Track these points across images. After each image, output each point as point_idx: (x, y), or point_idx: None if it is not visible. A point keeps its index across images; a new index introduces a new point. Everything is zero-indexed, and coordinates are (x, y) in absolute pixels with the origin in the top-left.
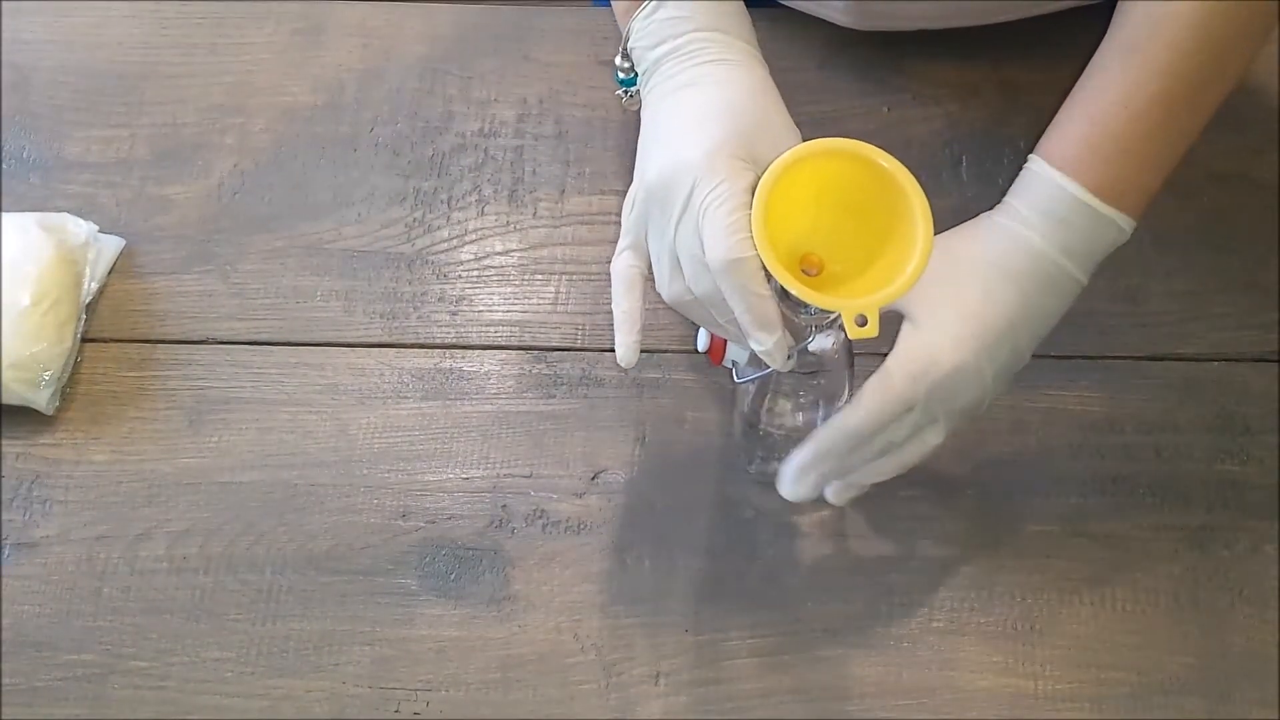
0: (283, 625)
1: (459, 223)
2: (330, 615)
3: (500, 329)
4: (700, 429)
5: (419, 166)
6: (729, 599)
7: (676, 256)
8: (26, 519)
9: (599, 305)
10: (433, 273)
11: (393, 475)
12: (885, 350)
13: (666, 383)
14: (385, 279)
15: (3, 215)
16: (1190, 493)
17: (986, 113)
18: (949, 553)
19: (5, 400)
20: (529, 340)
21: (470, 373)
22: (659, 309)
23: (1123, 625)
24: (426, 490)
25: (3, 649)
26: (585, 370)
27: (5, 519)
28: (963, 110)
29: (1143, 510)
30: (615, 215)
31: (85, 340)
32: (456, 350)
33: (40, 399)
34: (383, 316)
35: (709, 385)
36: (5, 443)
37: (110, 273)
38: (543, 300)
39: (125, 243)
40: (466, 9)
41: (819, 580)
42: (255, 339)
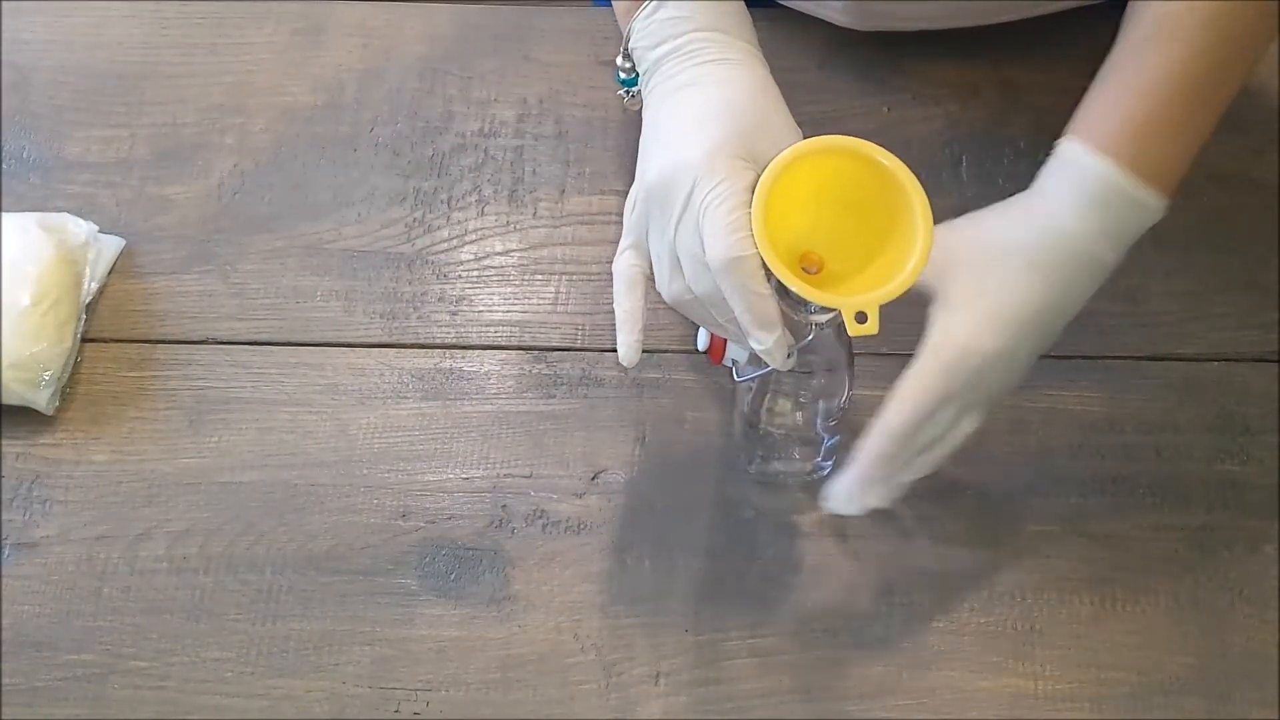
0: (283, 625)
1: (459, 223)
2: (330, 615)
3: (500, 329)
4: (700, 429)
5: (419, 166)
6: (729, 599)
7: (677, 256)
8: (26, 519)
9: (599, 305)
10: (433, 273)
11: (393, 475)
12: (885, 349)
13: (666, 383)
14: (385, 279)
15: (3, 215)
16: (1190, 493)
17: (986, 113)
18: (949, 553)
19: (5, 400)
20: (529, 340)
21: (470, 373)
22: (660, 309)
23: (1123, 625)
24: (426, 490)
25: (3, 649)
26: (585, 370)
27: (5, 519)
28: (963, 110)
29: (1143, 510)
30: (615, 215)
31: (85, 340)
32: (456, 350)
33: (40, 399)
34: (383, 316)
35: (709, 385)
36: (5, 443)
37: (110, 273)
38: (543, 300)
39: (125, 243)
40: (466, 9)
41: (819, 580)
42: (255, 339)
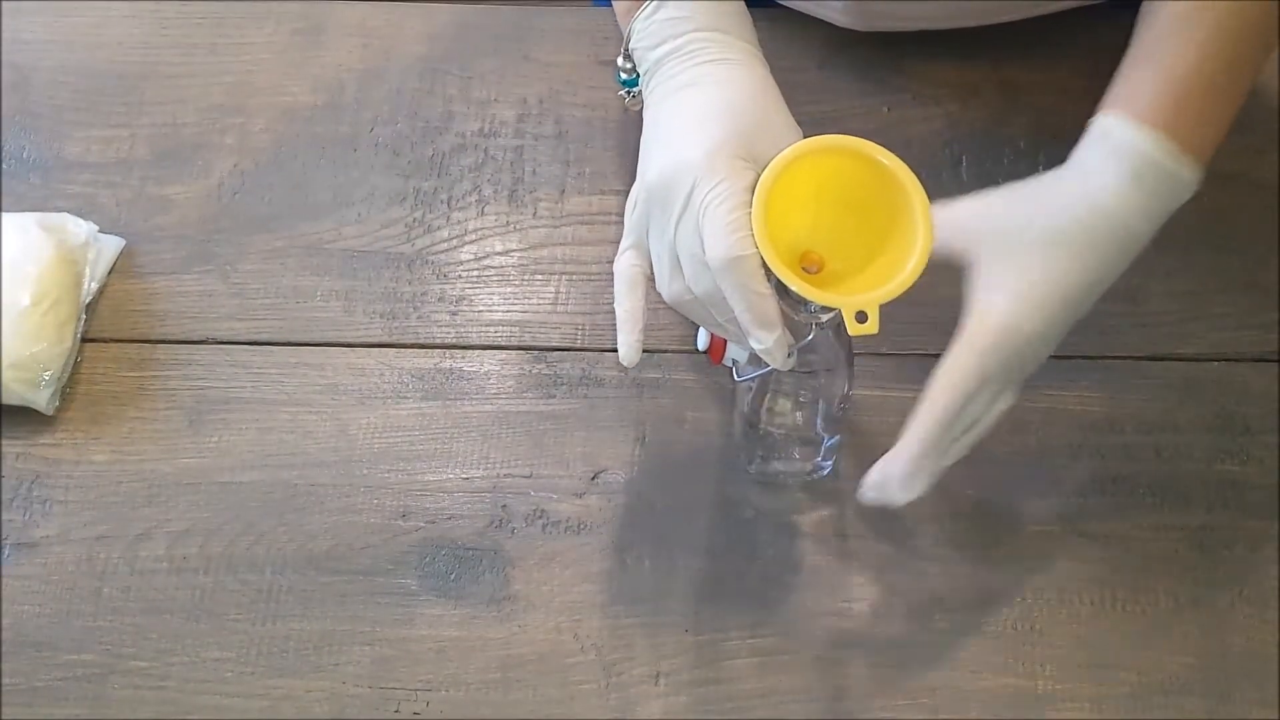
0: (283, 625)
1: (459, 223)
2: (330, 615)
3: (500, 329)
4: (700, 429)
5: (419, 166)
6: (729, 599)
7: (677, 256)
8: (26, 519)
9: (599, 305)
10: (433, 273)
11: (393, 475)
12: (885, 349)
13: (666, 383)
14: (385, 279)
15: (3, 215)
16: (1190, 493)
17: (986, 113)
18: (949, 553)
19: (5, 400)
20: (529, 340)
21: (470, 373)
22: (660, 309)
23: (1123, 625)
24: (426, 490)
25: (3, 649)
26: (585, 370)
27: (5, 519)
28: (963, 110)
29: (1143, 510)
30: (615, 215)
31: (85, 340)
32: (456, 350)
33: (40, 399)
34: (383, 316)
35: (709, 385)
36: (5, 443)
37: (110, 273)
38: (543, 300)
39: (125, 243)
40: (466, 9)
41: (819, 580)
42: (255, 339)
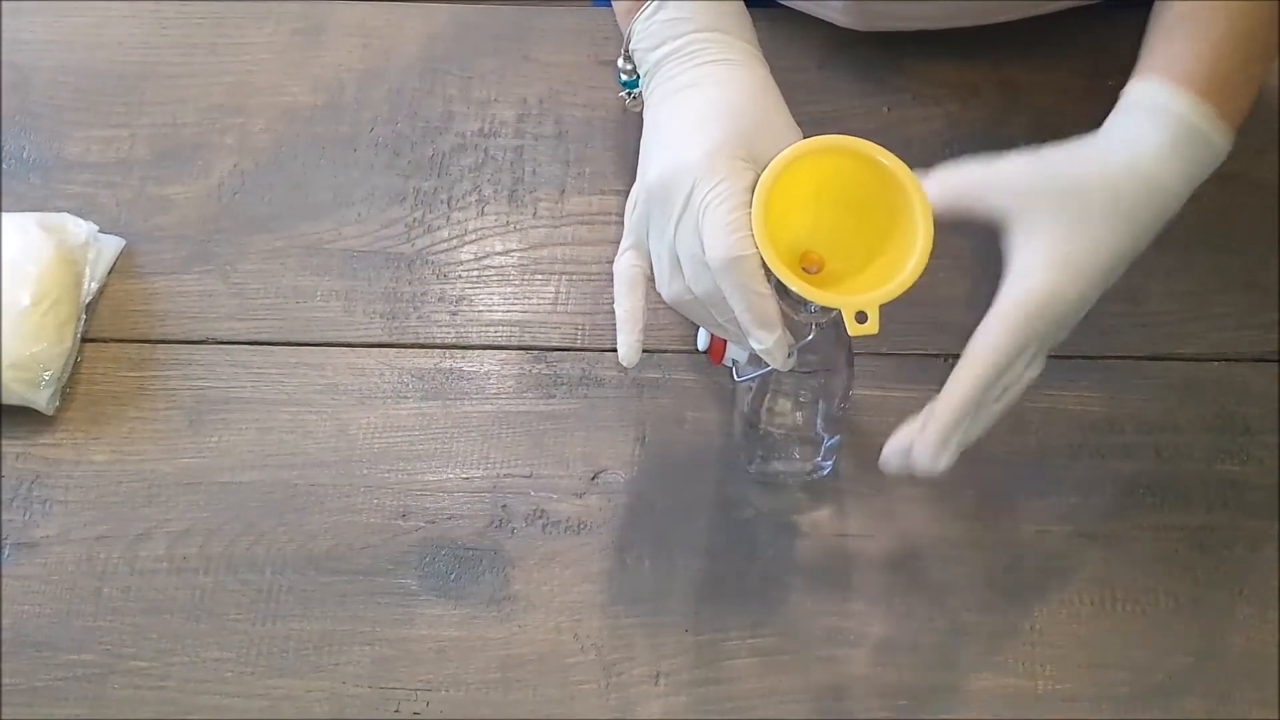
0: (283, 625)
1: (459, 223)
2: (330, 615)
3: (500, 329)
4: (700, 429)
5: (419, 166)
6: (729, 599)
7: (677, 256)
8: (26, 519)
9: (599, 305)
10: (433, 273)
11: (393, 475)
12: (885, 349)
13: (666, 383)
14: (385, 279)
15: (3, 215)
16: (1190, 493)
17: (986, 113)
18: (949, 553)
19: (5, 400)
20: (529, 340)
21: (470, 373)
22: (660, 309)
23: (1123, 625)
24: (426, 490)
25: (3, 649)
26: (585, 370)
27: (5, 519)
28: (963, 110)
29: (1143, 510)
30: (615, 215)
31: (85, 340)
32: (456, 350)
33: (40, 399)
34: (383, 316)
35: (709, 385)
36: (5, 443)
37: (110, 273)
38: (543, 300)
39: (125, 243)
40: (466, 9)
41: (819, 580)
42: (255, 339)
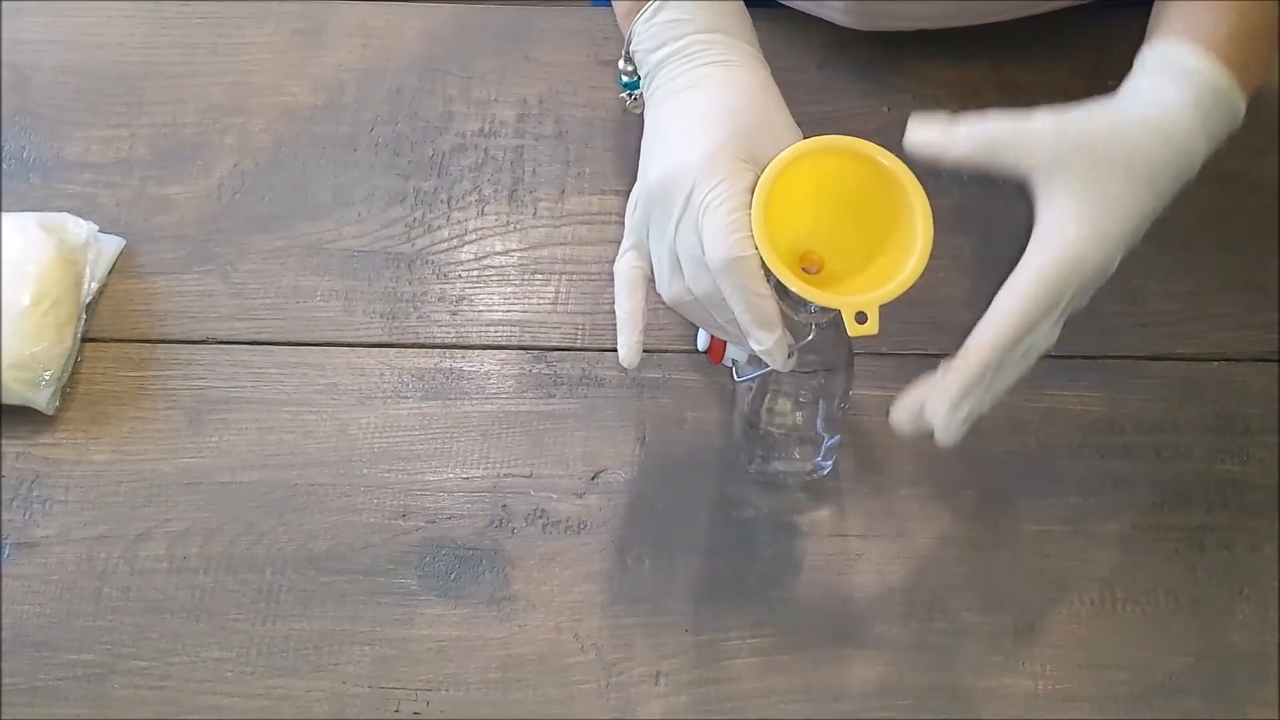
0: (283, 625)
1: (459, 223)
2: (330, 615)
3: (500, 329)
4: (700, 429)
5: (419, 166)
6: (729, 599)
7: (677, 257)
8: (26, 519)
9: (599, 305)
10: (433, 273)
11: (393, 475)
12: (885, 349)
13: (666, 382)
14: (385, 279)
15: (3, 215)
16: (1190, 493)
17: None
18: (949, 553)
19: (5, 400)
20: (529, 340)
21: (470, 373)
22: (660, 309)
23: (1123, 625)
24: (426, 490)
25: (3, 649)
26: (585, 370)
27: (5, 519)
28: (963, 110)
29: (1143, 510)
30: (615, 215)
31: (85, 340)
32: (456, 350)
33: (40, 399)
34: (383, 316)
35: (709, 385)
36: (5, 443)
37: (110, 273)
38: (543, 300)
39: (125, 243)
40: (466, 9)
41: (819, 580)
42: (255, 339)
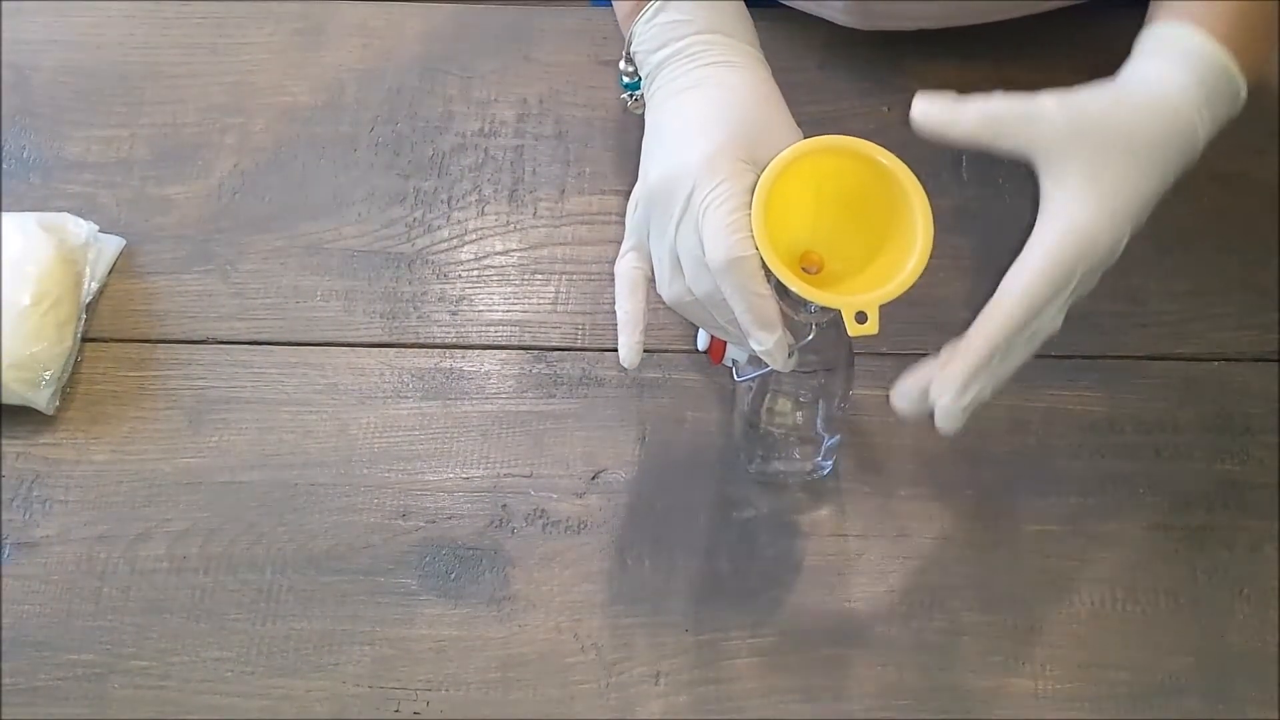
0: (283, 625)
1: (459, 223)
2: (330, 615)
3: (500, 329)
4: (700, 429)
5: (419, 166)
6: (729, 599)
7: (677, 257)
8: (26, 519)
9: (599, 305)
10: (433, 273)
11: (393, 475)
12: (885, 349)
13: (666, 382)
14: (385, 279)
15: (3, 215)
16: (1190, 493)
17: None
18: (949, 553)
19: (5, 400)
20: (529, 340)
21: (470, 373)
22: (660, 309)
23: (1123, 625)
24: (426, 490)
25: (3, 649)
26: (585, 370)
27: (5, 519)
28: None
29: (1143, 510)
30: (615, 215)
31: (85, 340)
32: (456, 350)
33: (40, 399)
34: (383, 316)
35: (709, 385)
36: (5, 443)
37: (110, 273)
38: (543, 300)
39: (125, 243)
40: (466, 9)
41: (819, 580)
42: (255, 339)
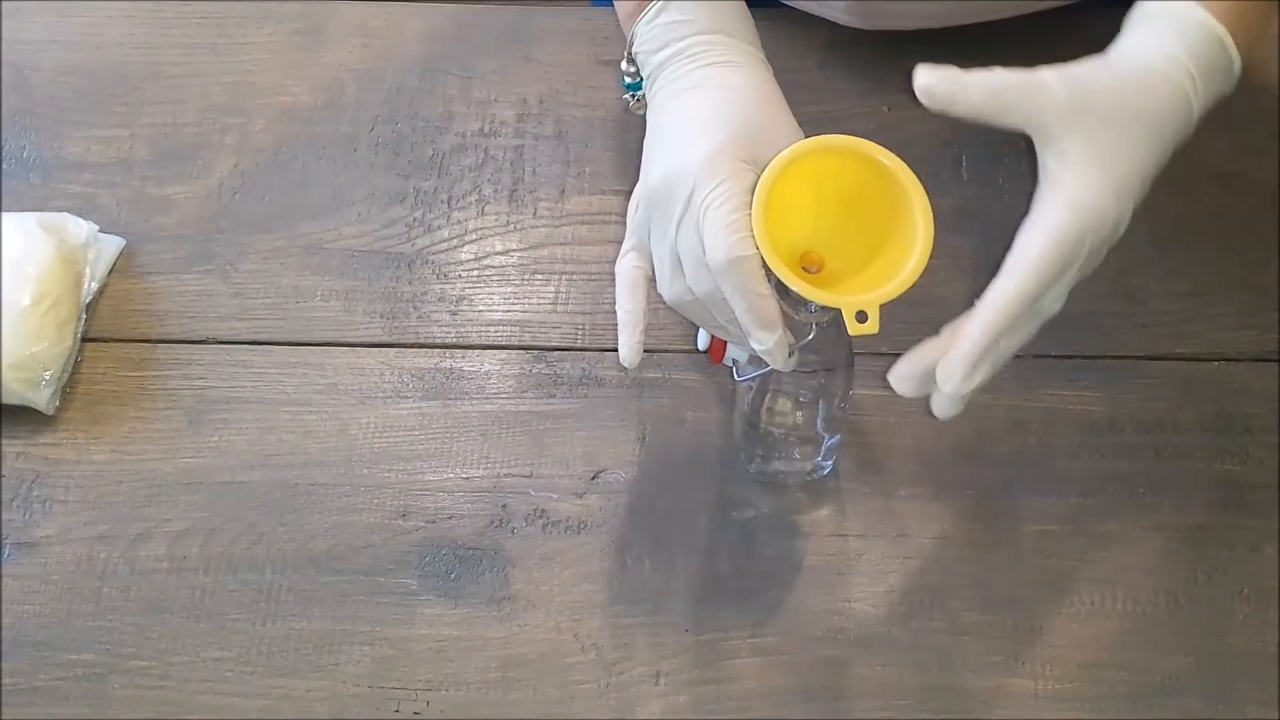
0: (283, 625)
1: (459, 223)
2: (330, 615)
3: (500, 329)
4: (700, 429)
5: (419, 166)
6: (729, 599)
7: (678, 257)
8: (26, 519)
9: (599, 305)
10: (433, 273)
11: (393, 475)
12: (885, 348)
13: (666, 382)
14: (385, 279)
15: (3, 215)
16: (1190, 493)
17: None
18: (949, 553)
19: (5, 400)
20: (529, 340)
21: (470, 373)
22: (661, 309)
23: (1123, 625)
24: (426, 490)
25: (3, 649)
26: (585, 370)
27: (5, 519)
28: None
29: (1143, 510)
30: (615, 215)
31: (85, 340)
32: (456, 350)
33: (40, 399)
34: (383, 316)
35: (709, 385)
36: (5, 443)
37: (110, 273)
38: (543, 300)
39: (125, 243)
40: (466, 9)
41: (819, 580)
42: (255, 339)
